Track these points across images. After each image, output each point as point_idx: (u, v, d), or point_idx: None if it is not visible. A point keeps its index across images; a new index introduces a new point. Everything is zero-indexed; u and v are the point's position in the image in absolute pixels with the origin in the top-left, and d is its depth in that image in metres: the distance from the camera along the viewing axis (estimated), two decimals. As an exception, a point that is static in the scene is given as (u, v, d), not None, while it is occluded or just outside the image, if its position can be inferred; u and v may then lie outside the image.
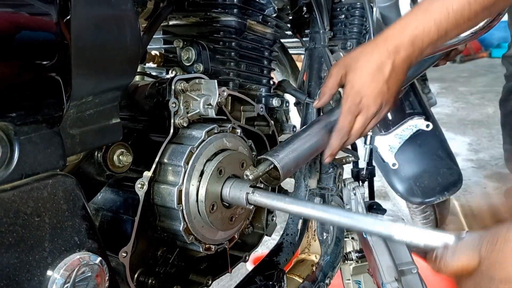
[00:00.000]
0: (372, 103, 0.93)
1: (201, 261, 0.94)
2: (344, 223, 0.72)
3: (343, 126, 0.96)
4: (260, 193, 0.81)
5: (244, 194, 0.81)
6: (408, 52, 0.89)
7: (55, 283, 0.54)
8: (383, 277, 1.10)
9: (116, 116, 0.65)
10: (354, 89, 0.93)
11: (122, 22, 0.59)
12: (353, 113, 0.94)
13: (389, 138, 1.21)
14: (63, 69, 0.52)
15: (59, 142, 0.55)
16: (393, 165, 1.23)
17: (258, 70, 1.08)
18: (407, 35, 0.88)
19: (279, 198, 0.79)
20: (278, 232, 1.10)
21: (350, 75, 0.94)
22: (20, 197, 0.51)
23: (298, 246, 1.15)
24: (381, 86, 0.91)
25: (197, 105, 0.84)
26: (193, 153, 0.80)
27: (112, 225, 0.78)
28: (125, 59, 0.61)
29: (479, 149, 4.19)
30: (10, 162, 0.50)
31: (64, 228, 0.56)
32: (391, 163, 1.22)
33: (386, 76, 0.90)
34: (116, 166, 0.74)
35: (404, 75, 0.93)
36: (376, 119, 0.97)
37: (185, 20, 1.01)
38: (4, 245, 0.50)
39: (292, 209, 0.78)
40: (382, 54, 0.90)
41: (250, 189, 0.82)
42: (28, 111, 0.51)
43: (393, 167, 1.23)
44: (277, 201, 0.79)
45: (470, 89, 6.59)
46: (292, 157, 0.89)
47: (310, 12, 1.26)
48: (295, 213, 0.79)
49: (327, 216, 0.73)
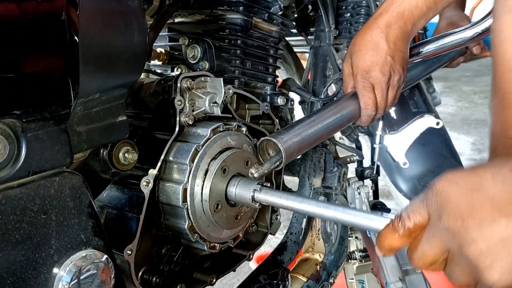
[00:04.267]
0: (380, 73, 0.97)
1: (205, 260, 0.94)
2: (356, 223, 0.71)
3: (366, 103, 1.01)
4: (267, 192, 0.80)
5: (251, 193, 0.81)
6: (399, 24, 0.95)
7: (61, 280, 0.54)
8: (387, 277, 1.10)
9: (123, 114, 0.65)
10: (359, 67, 0.99)
11: (130, 19, 0.59)
12: (368, 88, 1.00)
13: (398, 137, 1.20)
14: (71, 66, 0.52)
15: (66, 139, 0.54)
16: (404, 164, 1.22)
17: (264, 68, 1.07)
18: (394, 10, 0.95)
19: (287, 196, 0.79)
20: (281, 231, 1.10)
21: (353, 59, 1.01)
22: (27, 194, 0.51)
23: (302, 245, 1.15)
24: (384, 58, 0.96)
25: (203, 103, 0.84)
26: (198, 151, 0.80)
27: (117, 223, 0.78)
28: (132, 56, 0.61)
29: (482, 149, 4.18)
30: (17, 159, 0.50)
31: (71, 226, 0.56)
32: (402, 162, 1.22)
33: (385, 48, 0.96)
34: (121, 164, 0.74)
35: (405, 46, 0.99)
36: (392, 88, 1.02)
37: (191, 18, 1.00)
38: (11, 243, 0.50)
39: (302, 208, 0.77)
40: (374, 32, 0.97)
41: (258, 186, 0.81)
42: (36, 108, 0.50)
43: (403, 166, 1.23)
44: (285, 199, 0.78)
45: (473, 89, 6.58)
46: (296, 141, 0.88)
47: (316, 10, 1.25)
48: (305, 212, 0.78)
49: (338, 215, 0.73)
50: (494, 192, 0.49)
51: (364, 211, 0.71)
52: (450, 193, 0.52)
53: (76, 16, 0.52)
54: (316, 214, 0.76)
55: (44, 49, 0.50)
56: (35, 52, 0.50)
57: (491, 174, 0.50)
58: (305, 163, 1.17)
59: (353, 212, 0.71)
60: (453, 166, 1.68)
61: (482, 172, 0.51)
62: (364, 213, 0.71)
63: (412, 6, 0.94)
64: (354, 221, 0.70)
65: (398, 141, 1.20)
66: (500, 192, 0.49)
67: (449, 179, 0.53)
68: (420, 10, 0.94)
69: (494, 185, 0.49)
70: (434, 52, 1.13)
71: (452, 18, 1.62)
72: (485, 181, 0.50)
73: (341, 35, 1.29)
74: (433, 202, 0.53)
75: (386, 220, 0.63)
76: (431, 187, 0.54)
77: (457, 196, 0.51)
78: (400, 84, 1.03)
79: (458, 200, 0.51)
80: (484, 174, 0.51)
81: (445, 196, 0.52)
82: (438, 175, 1.45)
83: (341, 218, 0.72)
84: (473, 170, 0.53)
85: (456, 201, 0.51)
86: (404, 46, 0.99)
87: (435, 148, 1.63)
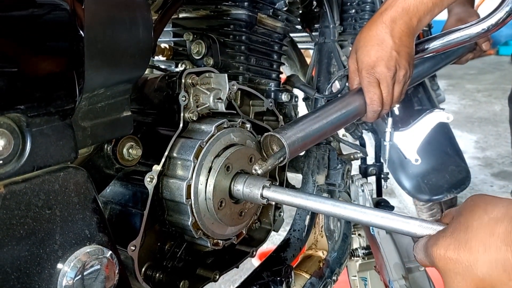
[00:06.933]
0: (386, 69, 0.97)
1: (209, 256, 0.94)
2: (367, 221, 0.71)
3: (371, 98, 1.01)
4: (275, 189, 0.80)
5: (259, 191, 0.81)
6: (405, 20, 0.95)
7: (66, 276, 0.54)
8: (390, 274, 1.10)
9: (127, 109, 0.64)
10: (364, 63, 0.99)
11: (135, 14, 0.59)
12: (373, 83, 0.99)
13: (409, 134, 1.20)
14: (76, 61, 0.52)
15: (71, 134, 0.54)
16: (416, 160, 1.22)
17: (268, 65, 1.07)
18: (400, 5, 0.95)
19: (296, 194, 0.78)
20: (284, 228, 1.10)
21: (358, 54, 1.01)
22: (32, 190, 0.51)
23: (305, 242, 1.15)
24: (389, 53, 0.96)
25: (207, 99, 0.83)
26: (202, 147, 0.80)
27: (120, 219, 0.78)
28: (137, 52, 0.60)
29: (486, 147, 4.16)
30: (22, 154, 0.50)
31: (75, 221, 0.56)
32: (413, 159, 1.22)
33: (390, 44, 0.96)
34: (125, 160, 0.74)
35: (410, 42, 0.99)
36: (398, 83, 1.01)
37: (195, 13, 1.00)
38: (15, 238, 0.50)
39: (312, 205, 0.76)
40: (379, 27, 0.96)
41: (267, 182, 0.81)
42: (41, 103, 0.50)
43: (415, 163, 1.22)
44: (294, 197, 0.78)
45: (477, 87, 6.56)
46: (300, 137, 0.88)
47: (320, 6, 1.25)
48: (315, 210, 0.77)
49: (348, 213, 0.72)
50: (484, 272, 0.54)
51: (381, 210, 0.71)
52: (446, 272, 0.57)
53: (81, 11, 0.52)
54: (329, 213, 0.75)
55: (50, 44, 0.50)
56: (40, 47, 0.49)
57: (483, 248, 0.54)
58: (309, 160, 1.16)
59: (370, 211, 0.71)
60: (456, 164, 1.68)
61: (474, 247, 0.55)
62: (383, 212, 0.70)
63: (417, 1, 0.94)
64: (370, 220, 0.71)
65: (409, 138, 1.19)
66: (493, 273, 0.54)
67: (443, 255, 0.57)
68: (425, 6, 0.94)
69: (485, 264, 0.54)
70: (440, 48, 1.12)
71: (461, 14, 1.61)
72: (476, 261, 0.54)
73: (346, 31, 1.29)
74: (437, 266, 0.59)
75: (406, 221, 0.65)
76: (429, 254, 0.59)
77: (452, 276, 0.57)
78: (406, 80, 1.03)
79: (453, 281, 0.57)
80: (475, 249, 0.55)
81: (443, 272, 0.58)
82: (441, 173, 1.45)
83: (357, 217, 0.72)
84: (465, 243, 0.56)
85: (451, 281, 0.57)
86: (409, 42, 0.98)
87: (439, 145, 1.63)
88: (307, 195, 0.77)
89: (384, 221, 0.69)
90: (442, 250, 0.57)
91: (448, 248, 0.56)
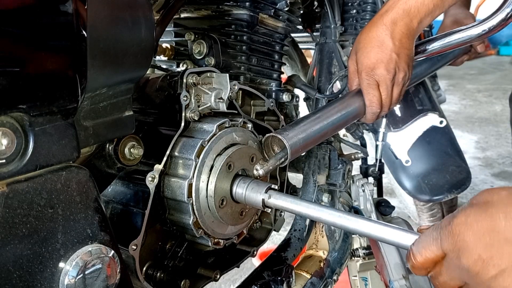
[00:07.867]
0: (385, 71, 0.97)
1: (209, 255, 0.94)
2: (367, 232, 0.71)
3: (370, 100, 1.01)
4: (278, 197, 0.81)
5: (261, 197, 0.81)
6: (405, 22, 0.95)
7: (67, 275, 0.54)
8: (390, 275, 1.10)
9: (129, 109, 0.65)
10: (364, 65, 0.99)
11: (137, 14, 0.59)
12: (372, 85, 0.99)
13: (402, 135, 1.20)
14: (78, 61, 0.52)
15: (73, 133, 0.54)
16: (406, 162, 1.22)
17: (269, 65, 1.07)
18: (400, 7, 0.95)
19: (298, 201, 0.79)
20: (284, 228, 1.10)
21: (358, 56, 1.01)
22: (34, 188, 0.51)
23: (306, 242, 1.15)
24: (389, 55, 0.96)
25: (208, 99, 0.83)
26: (204, 146, 0.80)
27: (122, 218, 0.78)
28: (139, 51, 0.60)
29: (486, 147, 4.16)
30: (24, 153, 0.50)
31: (77, 220, 0.56)
32: (404, 160, 1.22)
33: (390, 46, 0.96)
34: (127, 159, 0.74)
35: (410, 43, 0.99)
36: (397, 85, 1.01)
37: (197, 13, 1.00)
38: (18, 237, 0.50)
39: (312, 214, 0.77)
40: (380, 29, 0.96)
41: (270, 191, 0.81)
42: (43, 102, 0.50)
43: (405, 164, 1.23)
44: (296, 204, 0.78)
45: (477, 87, 6.55)
46: (301, 137, 0.88)
47: (322, 6, 1.25)
48: (314, 218, 0.78)
49: (348, 224, 0.73)
50: (508, 234, 0.53)
51: (382, 223, 0.71)
52: (466, 237, 0.55)
53: (84, 11, 0.52)
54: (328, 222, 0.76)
55: (52, 44, 0.50)
56: (43, 46, 0.50)
57: (503, 215, 0.54)
58: (310, 160, 1.17)
59: (377, 225, 0.71)
60: (457, 164, 1.68)
61: (495, 213, 0.54)
62: (383, 225, 0.71)
63: (418, 3, 0.94)
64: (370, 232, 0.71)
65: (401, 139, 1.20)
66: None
67: (463, 221, 0.56)
68: (426, 8, 0.94)
69: (508, 227, 0.53)
70: (439, 50, 1.12)
71: (457, 16, 1.61)
72: (499, 223, 0.54)
73: (347, 31, 1.29)
74: (449, 243, 0.57)
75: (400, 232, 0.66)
76: (445, 227, 0.58)
77: (474, 240, 0.55)
78: (405, 82, 1.03)
79: (476, 244, 0.54)
80: (496, 215, 0.54)
81: (462, 240, 0.56)
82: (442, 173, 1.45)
83: (363, 231, 0.72)
84: (485, 210, 0.56)
85: (473, 245, 0.55)
86: (409, 44, 0.98)
87: (439, 146, 1.63)
88: (309, 203, 0.78)
89: (386, 234, 0.69)
90: (463, 218, 0.56)
91: (469, 216, 0.56)
